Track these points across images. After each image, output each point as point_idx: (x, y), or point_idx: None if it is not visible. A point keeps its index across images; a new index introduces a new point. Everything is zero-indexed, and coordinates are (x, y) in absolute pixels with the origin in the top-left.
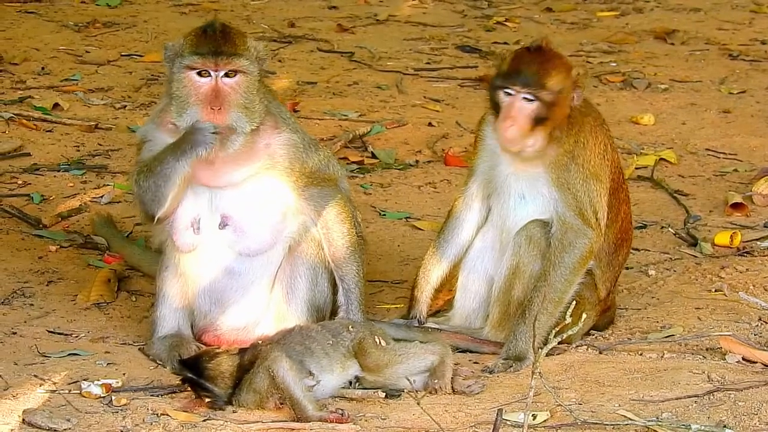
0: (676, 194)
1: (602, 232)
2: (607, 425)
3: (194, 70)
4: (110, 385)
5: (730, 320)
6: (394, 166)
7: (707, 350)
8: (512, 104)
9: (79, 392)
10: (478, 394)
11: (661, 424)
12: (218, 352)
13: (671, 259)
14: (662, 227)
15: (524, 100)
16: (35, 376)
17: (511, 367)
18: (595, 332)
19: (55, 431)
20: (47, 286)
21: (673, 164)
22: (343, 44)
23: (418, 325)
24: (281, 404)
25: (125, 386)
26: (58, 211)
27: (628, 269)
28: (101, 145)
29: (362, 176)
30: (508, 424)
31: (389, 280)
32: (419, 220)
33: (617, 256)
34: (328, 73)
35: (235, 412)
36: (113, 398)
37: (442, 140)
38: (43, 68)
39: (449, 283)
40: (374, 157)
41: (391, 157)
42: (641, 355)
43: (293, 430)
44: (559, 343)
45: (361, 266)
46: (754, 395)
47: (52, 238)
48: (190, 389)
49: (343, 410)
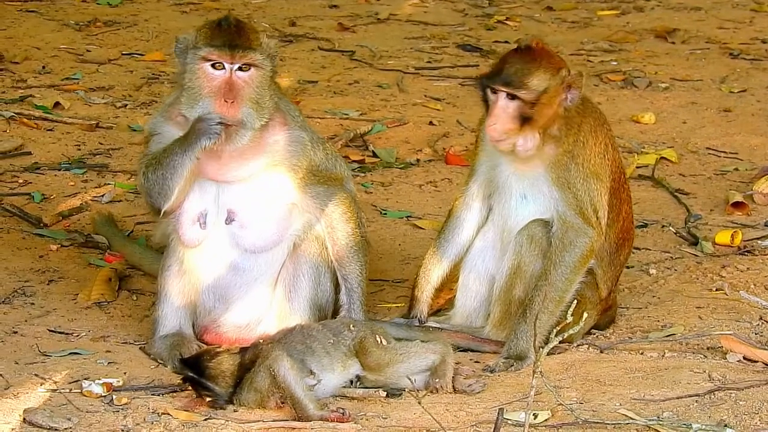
0: (676, 193)
1: (603, 231)
2: (608, 424)
3: (209, 61)
4: (111, 384)
5: (731, 319)
6: (395, 164)
7: (708, 349)
8: (496, 102)
9: (80, 391)
10: (479, 393)
11: (662, 423)
12: (219, 351)
13: (672, 258)
14: (663, 226)
15: (507, 98)
16: (36, 375)
17: (512, 366)
18: (596, 331)
19: (56, 430)
20: (48, 285)
21: (673, 163)
22: (344, 43)
23: (418, 324)
24: (282, 403)
25: (126, 385)
26: (59, 210)
27: (629, 268)
28: (102, 144)
29: (363, 175)
30: (509, 423)
31: (390, 279)
32: (420, 219)
33: (619, 255)
34: (329, 71)
35: (236, 411)
36: (114, 397)
37: (442, 139)
38: (44, 67)
39: (450, 282)
40: (375, 155)
41: (392, 155)
42: (642, 354)
43: (294, 429)
44: (560, 342)
45: (364, 266)
46: (755, 394)
47: (52, 237)
48: (191, 388)
49: (344, 409)
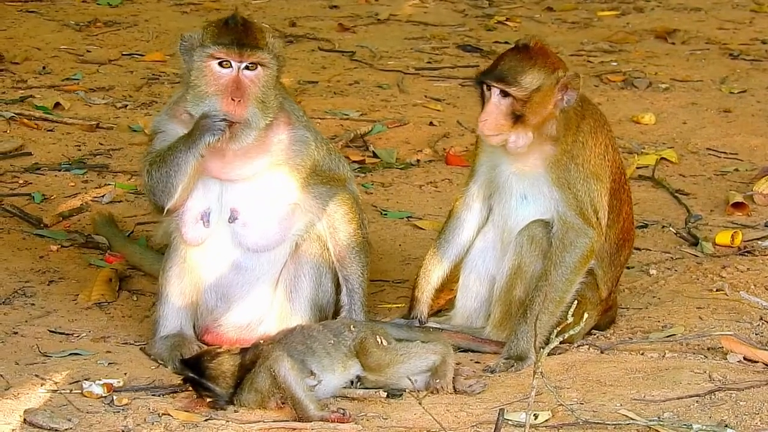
0: (677, 194)
1: (603, 231)
2: (608, 425)
3: (217, 60)
4: (111, 384)
5: (731, 320)
6: (395, 165)
7: (708, 350)
8: (489, 98)
9: (80, 392)
10: (479, 393)
11: (662, 423)
12: (220, 351)
13: (672, 258)
14: (663, 227)
15: (500, 95)
16: (36, 375)
17: (512, 366)
18: (596, 332)
19: (56, 431)
20: (48, 285)
21: (674, 163)
22: (344, 43)
23: (419, 324)
24: (283, 404)
25: (126, 386)
26: (59, 210)
27: (629, 269)
28: (102, 144)
29: (363, 175)
30: (509, 423)
31: (390, 279)
32: (420, 219)
33: (619, 256)
34: (329, 72)
35: (236, 411)
36: (114, 398)
37: (443, 139)
38: (44, 67)
39: (450, 282)
40: (375, 156)
41: (392, 156)
42: (643, 354)
43: (295, 429)
44: (560, 342)
45: (365, 267)
46: (755, 395)
47: (53, 237)
48: (191, 389)
49: (344, 410)
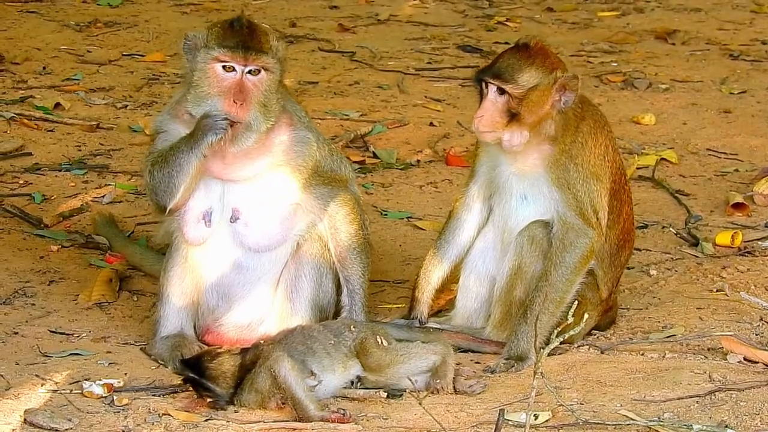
0: (677, 194)
1: (603, 231)
2: (608, 425)
3: (221, 63)
4: (112, 384)
5: (731, 320)
6: (395, 165)
7: (709, 350)
8: (486, 95)
9: (80, 392)
10: (479, 394)
11: (662, 424)
12: (220, 351)
13: (672, 259)
14: (663, 227)
15: (497, 92)
16: (37, 375)
17: (512, 367)
18: (596, 332)
19: (56, 431)
20: (49, 285)
21: (674, 164)
22: (344, 44)
23: (419, 325)
24: (283, 404)
25: (127, 386)
26: (59, 210)
27: (629, 269)
28: (102, 144)
29: (364, 176)
30: (509, 424)
31: (390, 279)
32: (420, 219)
33: (619, 256)
34: (329, 72)
35: (236, 412)
36: (115, 398)
37: (443, 140)
38: (44, 68)
39: (450, 283)
40: (375, 156)
41: (392, 156)
42: (643, 355)
43: (295, 430)
44: (560, 343)
45: (366, 268)
46: (755, 395)
47: (53, 237)
48: (191, 389)
49: (344, 410)
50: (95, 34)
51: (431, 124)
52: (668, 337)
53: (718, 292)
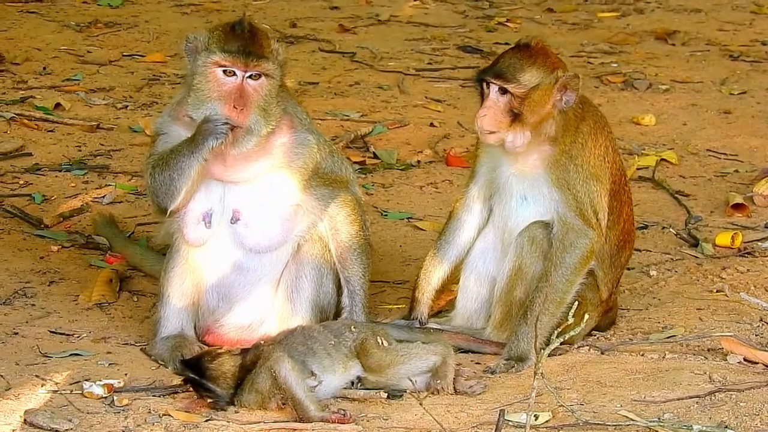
0: (677, 195)
1: (603, 232)
2: (608, 426)
3: (221, 67)
4: (112, 385)
5: (731, 321)
6: (395, 166)
7: (709, 351)
8: (488, 95)
9: (80, 392)
10: (480, 394)
11: (662, 424)
12: (220, 352)
13: (672, 259)
14: (663, 228)
15: (499, 92)
16: (37, 376)
17: (513, 367)
18: (596, 333)
19: (56, 431)
20: (49, 286)
21: (674, 165)
22: (344, 44)
23: (419, 325)
24: (283, 404)
25: (127, 386)
26: (59, 211)
27: (629, 270)
28: (103, 145)
29: (364, 176)
30: (510, 424)
31: (391, 280)
32: (421, 220)
33: (620, 257)
34: (329, 73)
35: (237, 412)
36: (115, 398)
37: (443, 140)
38: (44, 68)
39: (450, 283)
40: (376, 157)
41: (392, 157)
42: (643, 355)
43: (295, 430)
44: (561, 343)
45: (366, 268)
46: (755, 396)
47: (53, 238)
48: (192, 389)
49: (345, 410)
50: (95, 34)
51: (431, 124)
52: (668, 337)
53: (718, 292)
